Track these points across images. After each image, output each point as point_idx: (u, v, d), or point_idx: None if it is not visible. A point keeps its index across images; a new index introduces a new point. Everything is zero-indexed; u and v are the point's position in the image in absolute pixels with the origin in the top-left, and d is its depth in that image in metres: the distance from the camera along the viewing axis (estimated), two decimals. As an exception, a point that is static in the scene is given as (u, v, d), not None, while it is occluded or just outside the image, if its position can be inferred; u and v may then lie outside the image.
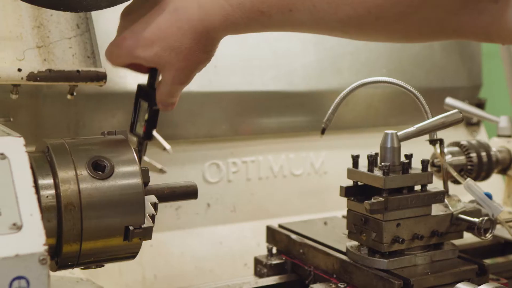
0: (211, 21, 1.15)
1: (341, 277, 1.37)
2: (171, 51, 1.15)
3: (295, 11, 1.11)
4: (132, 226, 1.11)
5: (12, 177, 0.94)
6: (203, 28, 1.15)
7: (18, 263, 0.87)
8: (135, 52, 1.16)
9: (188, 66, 1.19)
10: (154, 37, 1.15)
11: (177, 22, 1.15)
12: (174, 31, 1.15)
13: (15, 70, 1.38)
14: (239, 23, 1.15)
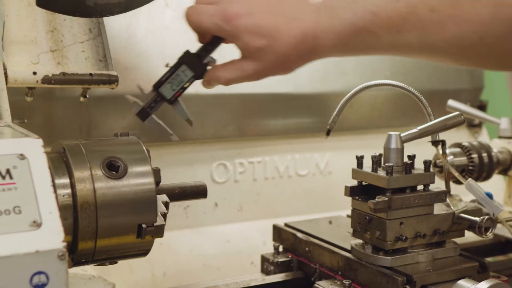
0: (322, 38, 1.17)
1: (346, 274, 1.39)
2: (273, 46, 1.19)
3: (404, 32, 1.11)
4: (144, 224, 1.13)
5: (32, 176, 0.96)
6: (313, 43, 1.18)
7: (38, 259, 0.90)
8: (237, 23, 1.19)
9: (273, 67, 1.24)
10: (267, 27, 1.18)
11: (292, 29, 1.18)
12: (285, 34, 1.18)
13: (30, 73, 1.40)
14: (348, 42, 1.17)
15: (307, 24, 1.18)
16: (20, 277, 0.89)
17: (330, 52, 1.21)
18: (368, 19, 1.13)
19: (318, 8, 1.20)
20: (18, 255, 0.88)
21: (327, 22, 1.17)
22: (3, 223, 0.90)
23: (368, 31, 1.14)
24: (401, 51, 1.20)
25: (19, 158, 0.98)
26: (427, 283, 1.28)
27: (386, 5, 1.12)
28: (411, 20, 1.10)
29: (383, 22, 1.12)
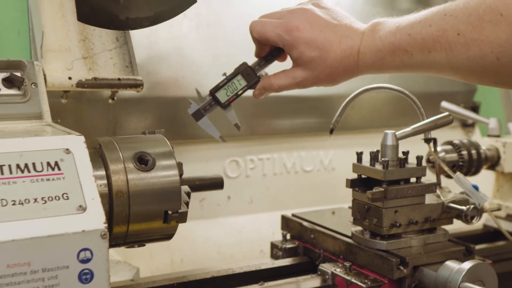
0: (365, 54, 1.32)
1: (347, 257, 1.50)
2: (324, 58, 1.34)
3: (433, 52, 1.22)
4: (170, 211, 1.25)
5: (76, 168, 1.09)
6: (356, 58, 1.33)
7: (84, 237, 1.03)
8: (297, 35, 1.34)
9: (321, 77, 1.37)
10: (321, 40, 1.33)
11: (341, 45, 1.33)
12: (335, 48, 1.33)
13: (66, 78, 1.51)
14: (386, 59, 1.30)
15: (354, 42, 1.32)
16: (69, 253, 1.02)
17: (369, 69, 1.35)
18: (404, 40, 1.26)
19: (364, 31, 1.34)
20: (67, 234, 1.01)
21: (370, 41, 1.31)
22: (54, 207, 1.03)
23: (404, 50, 1.26)
24: (430, 69, 1.30)
25: (65, 152, 1.10)
26: (418, 264, 1.40)
27: (421, 29, 1.24)
28: (440, 42, 1.21)
29: (417, 43, 1.25)
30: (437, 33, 1.22)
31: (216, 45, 1.99)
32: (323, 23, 1.36)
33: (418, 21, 1.26)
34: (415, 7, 2.32)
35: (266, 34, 1.39)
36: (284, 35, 1.36)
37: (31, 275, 0.99)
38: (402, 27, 1.29)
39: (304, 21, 1.36)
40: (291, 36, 1.35)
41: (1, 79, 1.30)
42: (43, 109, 1.34)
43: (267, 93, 1.47)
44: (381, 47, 1.30)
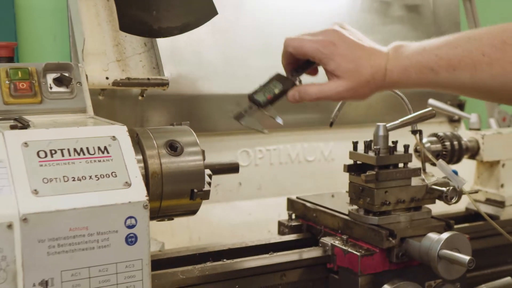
0: (392, 71, 1.35)
1: (344, 231, 1.68)
2: (358, 71, 1.37)
3: (458, 70, 1.26)
4: (196, 189, 1.43)
5: (122, 152, 1.27)
6: (384, 74, 1.36)
7: (130, 207, 1.21)
8: (334, 48, 1.37)
9: (353, 89, 1.38)
10: (355, 55, 1.37)
11: (371, 60, 1.37)
12: (366, 64, 1.37)
13: (103, 78, 1.69)
14: (412, 77, 1.34)
15: (381, 60, 1.36)
16: (118, 220, 1.20)
17: (395, 85, 1.39)
18: (431, 59, 1.31)
19: (388, 51, 1.39)
20: (117, 204, 1.21)
21: (397, 60, 1.35)
22: (105, 183, 1.23)
23: (430, 69, 1.30)
24: (453, 87, 1.33)
25: (112, 139, 1.29)
26: (405, 236, 1.58)
27: (448, 50, 1.29)
28: (466, 61, 1.26)
29: (443, 62, 1.29)
30: (462, 53, 1.26)
31: (229, 49, 2.16)
32: (352, 41, 1.39)
33: (443, 44, 1.31)
34: (407, 15, 2.55)
35: (304, 48, 1.42)
36: (322, 49, 1.39)
37: (88, 237, 1.19)
38: (429, 48, 1.33)
39: (337, 38, 1.39)
40: (328, 50, 1.38)
41: (53, 78, 1.49)
42: (87, 104, 1.51)
43: (301, 100, 1.49)
44: (408, 65, 1.33)
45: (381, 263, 1.58)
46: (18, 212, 1.13)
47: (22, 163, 1.19)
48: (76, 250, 1.18)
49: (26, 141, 1.22)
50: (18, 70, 1.46)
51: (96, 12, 1.78)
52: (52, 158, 1.22)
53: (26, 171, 1.18)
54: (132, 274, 1.24)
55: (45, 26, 2.12)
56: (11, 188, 1.16)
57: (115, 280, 1.22)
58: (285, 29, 2.25)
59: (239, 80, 2.17)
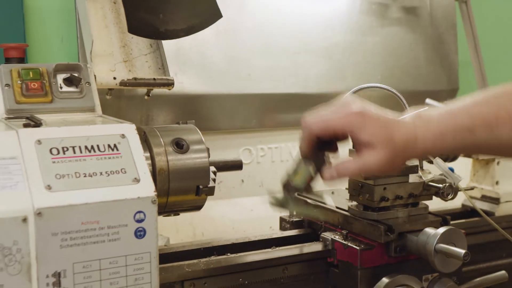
0: (424, 137, 1.23)
1: (344, 227, 1.71)
2: (392, 138, 1.22)
3: (497, 127, 1.18)
4: (201, 186, 1.47)
5: (130, 149, 1.31)
6: (415, 143, 1.23)
7: (139, 202, 1.25)
8: (365, 116, 1.23)
9: (389, 159, 1.23)
10: (387, 120, 1.23)
11: (400, 130, 1.23)
12: (396, 133, 1.22)
13: (111, 78, 1.72)
14: (448, 141, 1.22)
15: (409, 127, 1.23)
16: (128, 213, 1.24)
17: (430, 151, 1.27)
18: (465, 119, 1.21)
19: (411, 118, 1.27)
20: (126, 199, 1.24)
21: (427, 125, 1.23)
22: (115, 179, 1.26)
23: (467, 129, 1.21)
24: (492, 147, 1.24)
25: (121, 137, 1.32)
26: (403, 231, 1.62)
27: (480, 109, 1.21)
28: (503, 116, 1.19)
29: (479, 120, 1.20)
30: (497, 109, 1.19)
31: (232, 50, 2.21)
32: (375, 110, 1.26)
33: (471, 103, 1.23)
34: (404, 17, 2.59)
35: (333, 126, 1.26)
36: (352, 121, 1.23)
37: (99, 230, 1.23)
38: (458, 110, 1.23)
39: (361, 108, 1.25)
40: (358, 121, 1.23)
41: (63, 78, 1.53)
42: (95, 104, 1.56)
43: (340, 177, 1.34)
44: (442, 129, 1.22)
45: (379, 257, 1.62)
46: (33, 206, 1.17)
47: (36, 160, 1.23)
48: (87, 243, 1.22)
49: (39, 139, 1.26)
50: (29, 70, 1.50)
51: (103, 15, 1.82)
52: (64, 155, 1.26)
53: (40, 167, 1.22)
54: (141, 267, 1.28)
55: (53, 28, 2.16)
56: (25, 183, 1.19)
57: (125, 272, 1.26)
58: (286, 30, 2.33)
59: (242, 80, 2.22)
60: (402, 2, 2.59)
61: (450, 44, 2.73)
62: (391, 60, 2.55)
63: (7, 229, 1.15)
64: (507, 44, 3.05)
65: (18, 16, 2.03)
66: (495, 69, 2.81)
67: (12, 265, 1.16)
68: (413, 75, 2.60)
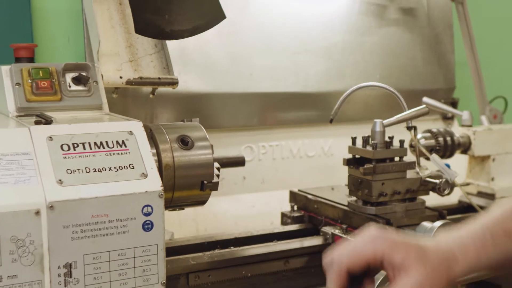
0: (467, 251, 1.11)
1: (343, 221, 1.76)
2: (424, 254, 1.09)
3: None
4: (205, 181, 1.49)
5: (138, 145, 1.35)
6: (456, 260, 1.10)
7: (147, 196, 1.29)
8: (392, 241, 1.08)
9: (429, 274, 1.07)
10: (410, 240, 1.10)
11: (432, 246, 1.11)
12: (427, 249, 1.09)
13: (117, 77, 1.76)
14: (490, 252, 1.11)
15: (443, 245, 1.12)
16: (136, 207, 1.28)
17: (473, 264, 1.12)
18: (498, 228, 1.12)
19: (436, 240, 1.15)
20: (135, 193, 1.28)
21: (459, 239, 1.13)
22: (124, 174, 1.30)
23: (503, 234, 1.12)
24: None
25: (129, 134, 1.36)
26: (401, 225, 1.66)
27: (503, 223, 1.13)
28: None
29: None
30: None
31: (234, 50, 2.24)
32: (398, 234, 1.13)
33: (490, 219, 1.15)
34: (402, 18, 2.63)
35: (362, 252, 1.10)
36: (383, 243, 1.09)
37: (109, 223, 1.26)
38: (481, 228, 1.13)
39: (386, 233, 1.12)
40: (388, 242, 1.09)
41: (71, 77, 1.56)
42: (103, 102, 1.58)
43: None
44: (481, 238, 1.11)
45: (378, 250, 1.66)
46: (45, 200, 1.21)
47: (47, 155, 1.27)
48: (97, 236, 1.26)
49: (50, 135, 1.30)
50: (39, 69, 1.53)
51: (109, 16, 1.85)
52: (74, 151, 1.30)
53: (51, 162, 1.26)
54: (148, 258, 1.31)
55: (59, 28, 2.19)
56: (38, 178, 1.23)
57: (133, 264, 1.30)
58: (286, 31, 2.37)
59: (244, 79, 2.25)
60: (400, 3, 2.62)
61: (446, 44, 2.77)
62: (389, 59, 2.58)
63: (20, 221, 1.18)
64: (502, 44, 3.08)
65: (25, 17, 2.07)
66: (490, 69, 2.85)
67: (25, 256, 1.20)
68: (411, 74, 2.64)
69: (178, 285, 1.56)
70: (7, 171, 1.22)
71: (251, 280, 1.65)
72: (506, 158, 2.26)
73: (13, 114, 1.49)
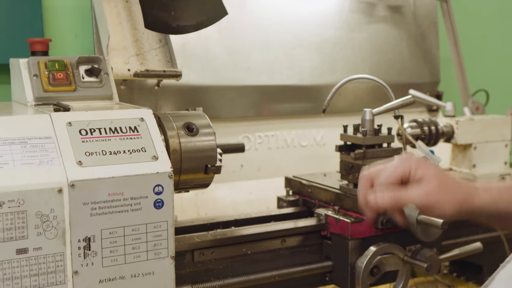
0: (490, 190, 1.30)
1: (336, 203, 1.84)
2: (436, 177, 1.30)
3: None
4: (209, 165, 1.59)
5: (149, 131, 1.45)
6: (475, 194, 1.30)
7: (158, 177, 1.39)
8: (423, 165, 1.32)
9: (424, 191, 1.30)
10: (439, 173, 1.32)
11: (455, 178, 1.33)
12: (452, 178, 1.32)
13: (125, 70, 1.85)
14: (506, 198, 1.28)
15: (467, 181, 1.33)
16: (148, 187, 1.38)
17: (486, 203, 1.30)
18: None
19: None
20: (147, 174, 1.38)
21: (483, 185, 1.32)
22: (137, 156, 1.40)
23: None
24: None
25: (140, 120, 1.46)
26: (388, 205, 1.76)
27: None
28: None
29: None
30: None
31: (233, 45, 2.33)
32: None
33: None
34: (390, 15, 2.74)
35: (397, 170, 1.35)
36: (414, 161, 1.34)
37: (123, 201, 1.36)
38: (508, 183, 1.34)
39: (416, 156, 1.36)
40: (415, 161, 1.34)
41: (85, 70, 1.66)
42: (113, 92, 1.68)
43: (380, 204, 1.39)
44: (496, 185, 1.30)
45: (368, 229, 1.76)
46: (67, 179, 1.30)
47: (67, 139, 1.37)
48: (113, 212, 1.35)
49: (69, 121, 1.39)
50: (55, 62, 1.63)
51: (117, 12, 1.94)
52: (92, 135, 1.39)
53: (71, 146, 1.36)
54: (159, 233, 1.41)
55: (68, 25, 2.27)
56: (59, 159, 1.33)
57: (145, 238, 1.40)
58: (282, 27, 2.46)
59: (242, 72, 2.33)
60: (387, 1, 2.71)
61: (432, 40, 2.86)
62: (378, 54, 2.67)
63: (45, 198, 1.28)
64: (484, 40, 3.19)
65: (37, 15, 2.15)
66: (473, 63, 2.96)
67: (49, 230, 1.29)
68: (398, 68, 2.72)
69: (184, 261, 1.65)
70: (32, 153, 1.32)
71: (250, 257, 1.74)
72: (487, 147, 2.36)
73: (31, 103, 1.59)
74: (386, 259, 1.76)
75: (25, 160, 1.30)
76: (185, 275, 1.64)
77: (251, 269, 1.73)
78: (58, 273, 1.31)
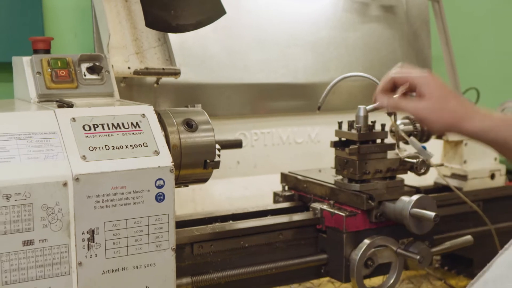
0: (487, 117, 1.40)
1: (331, 198, 1.88)
2: (445, 95, 1.42)
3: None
4: (208, 160, 1.62)
5: (150, 127, 1.48)
6: (472, 116, 1.41)
7: (159, 171, 1.42)
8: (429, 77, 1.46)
9: (434, 111, 1.43)
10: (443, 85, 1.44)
11: (460, 98, 1.45)
12: (456, 97, 1.43)
13: (126, 68, 1.89)
14: (498, 126, 1.38)
15: (469, 103, 1.44)
16: (150, 180, 1.41)
17: (484, 131, 1.41)
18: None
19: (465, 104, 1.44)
20: (149, 168, 1.41)
21: (488, 112, 1.42)
22: (139, 151, 1.43)
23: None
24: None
25: (142, 116, 1.49)
26: (382, 199, 1.79)
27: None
28: None
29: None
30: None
31: (230, 44, 2.37)
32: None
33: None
34: (383, 15, 2.78)
35: (409, 76, 1.52)
36: (426, 76, 1.48)
37: (126, 194, 1.39)
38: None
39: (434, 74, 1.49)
40: (427, 77, 1.48)
41: (86, 67, 1.69)
42: (114, 89, 1.70)
43: (390, 106, 1.58)
44: (494, 115, 1.39)
45: (362, 223, 1.80)
46: (71, 173, 1.34)
47: (72, 134, 1.40)
48: (116, 205, 1.39)
49: (73, 117, 1.43)
50: (58, 60, 1.66)
51: (117, 12, 1.97)
52: (95, 130, 1.43)
53: (75, 141, 1.39)
54: (160, 226, 1.45)
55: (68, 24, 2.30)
56: (64, 154, 1.36)
57: (147, 231, 1.44)
58: (278, 26, 2.50)
59: (238, 71, 2.37)
60: (380, 1, 2.75)
61: (424, 39, 2.89)
62: (371, 53, 2.70)
63: (51, 191, 1.32)
64: (475, 39, 3.23)
65: (37, 14, 2.18)
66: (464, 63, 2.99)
67: (54, 222, 1.33)
68: (391, 67, 2.47)
69: (184, 253, 1.69)
70: (37, 148, 1.35)
71: (248, 250, 1.78)
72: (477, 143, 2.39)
73: (34, 100, 1.61)
74: (379, 251, 1.80)
75: (31, 154, 1.33)
76: (184, 267, 1.68)
77: (249, 261, 1.77)
78: (63, 264, 1.34)
